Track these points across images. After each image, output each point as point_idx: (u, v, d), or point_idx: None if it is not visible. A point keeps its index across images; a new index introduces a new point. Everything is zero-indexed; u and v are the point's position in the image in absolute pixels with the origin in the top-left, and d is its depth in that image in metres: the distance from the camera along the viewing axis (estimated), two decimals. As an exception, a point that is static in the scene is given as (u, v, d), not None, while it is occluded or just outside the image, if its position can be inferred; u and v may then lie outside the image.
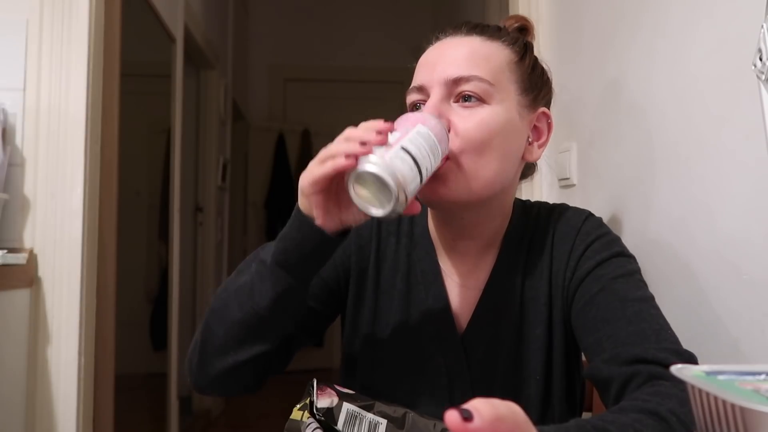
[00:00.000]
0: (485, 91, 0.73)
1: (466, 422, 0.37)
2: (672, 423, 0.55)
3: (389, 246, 0.84)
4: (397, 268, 0.83)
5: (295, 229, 0.66)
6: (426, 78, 0.76)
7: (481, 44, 0.76)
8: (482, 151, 0.72)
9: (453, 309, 0.80)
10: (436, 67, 0.75)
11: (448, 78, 0.74)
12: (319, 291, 0.81)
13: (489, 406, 0.38)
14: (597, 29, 1.28)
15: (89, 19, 1.53)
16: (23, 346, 1.44)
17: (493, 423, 0.37)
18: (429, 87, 0.75)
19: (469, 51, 0.75)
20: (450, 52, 0.76)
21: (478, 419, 0.37)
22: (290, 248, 0.67)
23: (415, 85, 0.78)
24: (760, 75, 0.69)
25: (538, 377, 0.78)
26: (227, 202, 3.78)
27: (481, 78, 0.73)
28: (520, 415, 0.41)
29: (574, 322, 0.75)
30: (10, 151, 1.47)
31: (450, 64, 0.75)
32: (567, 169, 1.38)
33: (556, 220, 0.82)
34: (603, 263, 0.75)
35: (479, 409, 0.37)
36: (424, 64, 0.78)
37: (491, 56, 0.76)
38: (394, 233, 0.84)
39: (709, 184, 0.86)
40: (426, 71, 0.77)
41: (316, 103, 4.55)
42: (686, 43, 0.93)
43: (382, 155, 0.60)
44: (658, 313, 0.70)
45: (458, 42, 0.77)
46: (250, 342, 0.70)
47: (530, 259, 0.80)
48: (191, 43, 2.81)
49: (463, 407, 0.37)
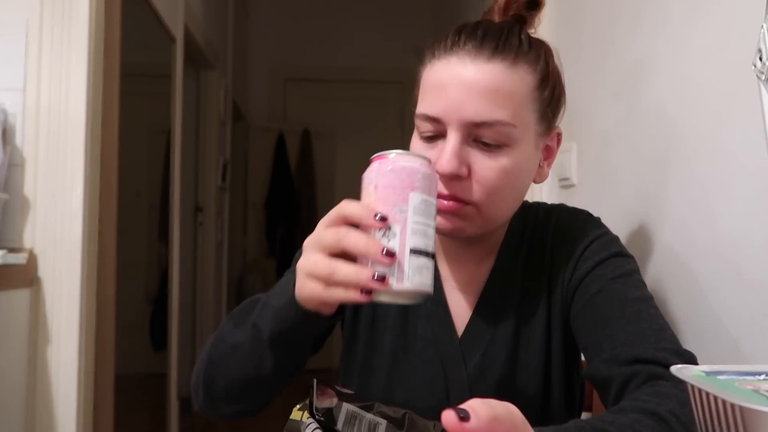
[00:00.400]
0: (508, 135, 0.69)
1: (462, 422, 0.37)
2: (672, 423, 0.55)
3: None
4: None
5: (291, 310, 0.63)
6: (442, 112, 0.69)
7: (506, 75, 0.69)
8: (502, 196, 0.72)
9: (451, 312, 0.80)
10: (453, 102, 0.68)
11: (469, 121, 0.68)
12: None
13: (486, 406, 0.38)
14: (597, 29, 1.27)
15: (89, 19, 1.53)
16: (23, 346, 1.44)
17: (490, 423, 0.37)
18: (446, 123, 0.69)
19: (493, 87, 0.68)
20: (471, 82, 0.68)
21: (474, 419, 0.37)
22: (286, 329, 0.65)
23: (429, 115, 0.70)
24: (760, 75, 0.69)
25: (537, 379, 0.78)
26: (227, 203, 3.78)
27: (505, 122, 0.68)
28: (517, 415, 0.41)
29: (573, 323, 0.75)
30: (10, 151, 1.47)
31: (471, 103, 0.68)
32: (567, 169, 1.38)
33: (554, 221, 0.81)
34: (602, 263, 0.74)
35: (476, 409, 0.37)
36: (437, 87, 0.70)
37: (515, 92, 0.69)
38: None
39: (709, 184, 0.86)
40: (442, 102, 0.69)
41: (316, 103, 4.55)
42: (686, 43, 0.93)
43: (400, 277, 0.55)
44: (657, 313, 0.70)
45: (480, 71, 0.68)
46: (257, 395, 0.72)
47: (529, 261, 0.80)
48: (191, 44, 2.81)
49: (460, 407, 0.37)
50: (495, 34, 0.71)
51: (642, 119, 1.06)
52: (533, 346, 0.78)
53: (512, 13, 0.76)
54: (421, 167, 0.58)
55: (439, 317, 0.80)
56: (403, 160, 0.58)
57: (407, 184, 0.57)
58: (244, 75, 4.33)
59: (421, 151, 0.72)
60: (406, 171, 0.57)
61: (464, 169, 0.69)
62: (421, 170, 0.58)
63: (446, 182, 0.69)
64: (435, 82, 0.71)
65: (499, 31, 0.72)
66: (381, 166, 0.58)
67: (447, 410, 0.37)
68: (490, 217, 0.72)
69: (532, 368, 0.78)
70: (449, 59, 0.70)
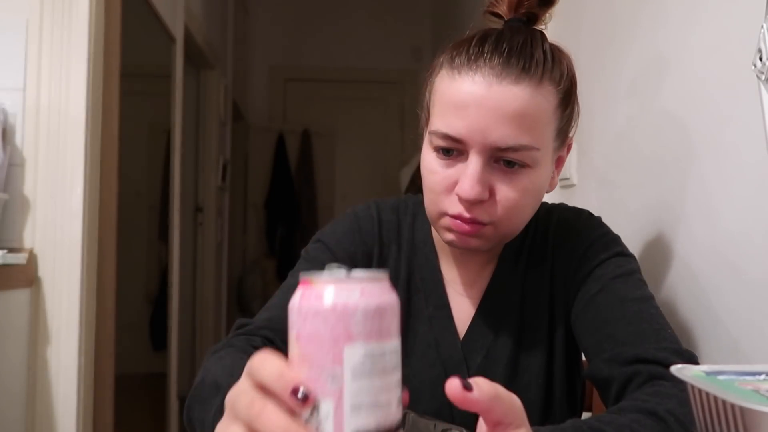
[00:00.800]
0: (531, 158, 0.67)
1: (465, 391, 0.38)
2: (670, 423, 0.55)
3: (391, 254, 0.83)
4: (398, 276, 0.82)
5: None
6: (465, 134, 0.66)
7: (532, 97, 0.66)
8: (521, 213, 0.71)
9: (453, 314, 0.80)
10: (478, 124, 0.65)
11: (495, 145, 0.66)
12: None
13: (489, 384, 0.39)
14: (597, 30, 1.28)
15: (89, 19, 1.53)
16: (23, 346, 1.44)
17: (491, 400, 0.39)
18: (468, 144, 0.66)
19: (521, 111, 0.65)
20: (497, 106, 0.65)
21: (476, 391, 0.38)
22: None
23: (449, 134, 0.67)
24: (760, 75, 0.69)
25: (539, 380, 0.77)
26: (227, 203, 3.78)
27: (530, 147, 0.66)
28: (517, 402, 0.42)
29: (575, 323, 0.75)
30: (10, 151, 1.47)
31: (498, 128, 0.65)
32: (567, 169, 1.38)
33: (555, 221, 0.81)
34: (602, 263, 0.74)
35: (480, 383, 0.39)
36: (459, 105, 0.66)
37: (541, 114, 0.67)
38: (395, 240, 0.83)
39: (710, 184, 0.86)
40: (465, 122, 0.66)
41: (316, 103, 4.55)
42: (686, 42, 0.93)
43: None
44: (658, 313, 0.70)
45: (507, 94, 0.65)
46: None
47: (530, 263, 0.80)
48: (191, 44, 2.81)
49: (466, 379, 0.38)
50: (521, 49, 0.67)
51: (642, 119, 1.06)
52: (535, 347, 0.78)
53: (524, 10, 0.73)
54: (362, 301, 0.38)
55: (441, 320, 0.80)
56: (335, 291, 0.39)
57: (340, 333, 0.38)
58: (244, 75, 4.33)
59: (437, 168, 0.70)
60: (337, 314, 0.38)
61: (486, 193, 0.67)
62: (361, 307, 0.38)
63: (468, 206, 0.68)
64: (457, 99, 0.67)
65: (523, 45, 0.68)
66: (303, 301, 0.39)
67: (452, 378, 0.38)
68: (506, 233, 0.72)
69: (534, 369, 0.78)
70: (473, 77, 0.66)
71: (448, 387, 0.37)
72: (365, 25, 4.50)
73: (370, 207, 0.84)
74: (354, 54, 4.48)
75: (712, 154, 0.85)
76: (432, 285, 0.81)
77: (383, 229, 0.83)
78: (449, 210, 0.69)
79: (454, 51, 0.70)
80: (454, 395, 0.37)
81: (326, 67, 4.51)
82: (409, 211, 0.85)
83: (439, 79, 0.71)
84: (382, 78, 4.44)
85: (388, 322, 0.40)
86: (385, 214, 0.84)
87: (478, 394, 0.38)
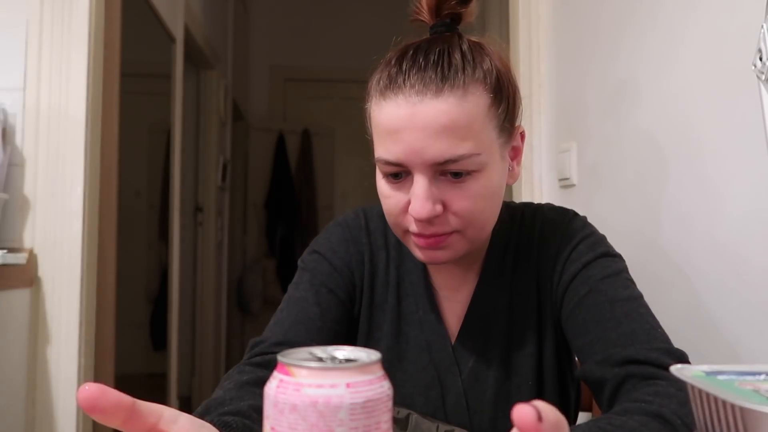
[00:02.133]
0: (474, 163, 0.67)
1: (539, 423, 0.35)
2: (677, 425, 0.55)
3: (380, 260, 0.83)
4: (388, 282, 0.82)
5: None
6: (403, 157, 0.66)
7: (458, 105, 0.65)
8: (482, 218, 0.71)
9: (443, 318, 0.80)
10: (412, 146, 0.65)
11: (434, 161, 0.65)
12: (341, 314, 0.80)
13: (553, 412, 0.36)
14: (597, 29, 1.28)
15: (89, 19, 1.53)
16: (23, 346, 1.44)
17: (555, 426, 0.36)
18: (410, 166, 0.67)
19: (449, 124, 0.64)
20: (425, 124, 0.65)
21: (545, 422, 0.35)
22: None
23: (389, 160, 0.67)
24: (760, 75, 0.69)
25: (530, 382, 0.78)
26: (227, 202, 3.78)
27: (470, 154, 0.66)
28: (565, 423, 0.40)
29: (565, 326, 0.75)
30: (10, 151, 1.47)
31: (431, 145, 0.65)
32: (567, 169, 1.38)
33: (540, 222, 0.81)
34: (589, 265, 0.74)
35: (547, 413, 0.36)
36: (392, 132, 0.67)
37: (471, 121, 0.66)
38: (383, 247, 0.84)
39: (709, 184, 0.86)
40: (399, 147, 0.66)
41: (316, 103, 4.55)
42: (686, 43, 0.93)
43: None
44: (648, 312, 0.70)
45: (432, 110, 0.65)
46: None
47: (517, 264, 0.80)
48: (191, 43, 2.81)
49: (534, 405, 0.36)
50: (437, 60, 0.67)
51: (642, 119, 1.06)
52: (525, 348, 0.78)
53: (446, 12, 0.72)
54: (348, 396, 0.34)
55: (432, 324, 0.80)
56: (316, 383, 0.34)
57: (321, 430, 0.33)
58: (244, 75, 4.33)
59: (389, 193, 0.70)
60: (318, 411, 0.33)
61: (439, 207, 0.67)
62: (347, 403, 0.33)
63: (424, 225, 0.68)
64: (388, 125, 0.67)
65: (440, 54, 0.68)
66: (280, 392, 0.35)
67: (524, 406, 0.35)
68: (474, 238, 0.72)
69: (525, 371, 0.78)
70: (396, 99, 0.66)
71: (519, 415, 0.34)
72: (365, 25, 4.49)
73: (358, 215, 0.85)
74: (354, 54, 4.47)
75: (712, 154, 0.85)
76: (421, 289, 0.81)
77: (372, 236, 0.83)
78: (410, 227, 0.70)
79: (379, 74, 0.70)
80: (526, 426, 0.34)
81: (326, 67, 4.51)
82: None
83: (372, 105, 0.71)
84: (382, 78, 4.44)
85: (377, 418, 0.34)
86: (373, 221, 0.84)
87: (547, 425, 0.35)
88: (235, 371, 0.70)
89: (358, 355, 0.37)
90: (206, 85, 3.30)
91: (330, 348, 0.38)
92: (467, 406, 0.77)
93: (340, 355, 0.37)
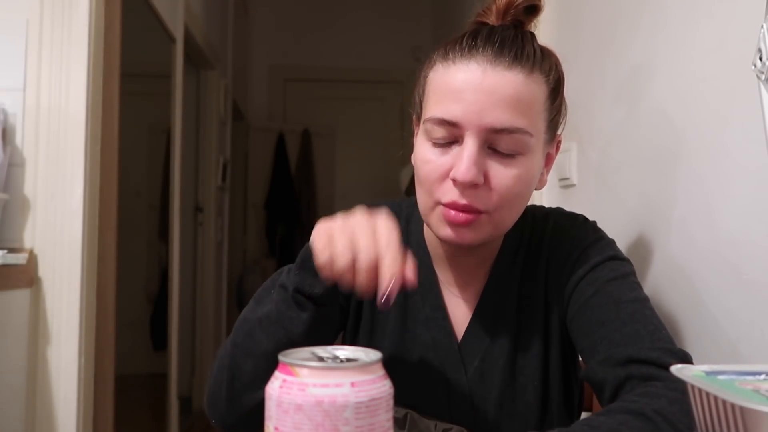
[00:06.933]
0: (526, 143, 0.68)
1: None
2: (658, 422, 0.55)
3: None
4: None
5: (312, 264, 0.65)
6: (461, 115, 0.67)
7: (525, 84, 0.68)
8: (515, 203, 0.72)
9: (450, 317, 0.80)
10: (474, 107, 0.66)
11: (491, 126, 0.67)
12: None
13: None
14: (597, 29, 1.28)
15: (89, 19, 1.53)
16: (23, 346, 1.44)
17: None
18: (464, 127, 0.67)
19: (515, 95, 0.67)
20: (492, 89, 0.67)
21: None
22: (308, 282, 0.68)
23: (445, 119, 0.68)
24: (760, 75, 0.69)
25: (536, 383, 0.78)
26: (227, 202, 3.78)
27: (525, 131, 0.68)
28: None
29: (570, 326, 0.75)
30: (10, 151, 1.47)
31: (494, 108, 0.66)
32: (567, 169, 1.38)
33: (551, 226, 0.81)
34: (597, 267, 0.75)
35: None
36: (454, 92, 0.68)
37: (534, 101, 0.69)
38: None
39: (710, 184, 0.86)
40: (460, 106, 0.67)
41: (316, 103, 4.55)
42: (686, 42, 0.93)
43: None
44: (653, 314, 0.70)
45: (502, 78, 0.67)
46: None
47: (526, 266, 0.80)
48: (191, 43, 2.81)
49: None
50: (512, 41, 0.70)
51: (642, 119, 1.06)
52: (531, 349, 0.78)
53: (510, 18, 0.75)
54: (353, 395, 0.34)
55: (438, 322, 0.80)
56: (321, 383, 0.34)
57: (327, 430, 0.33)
58: (244, 75, 4.33)
59: (431, 157, 0.70)
60: (324, 410, 0.33)
61: (482, 177, 0.68)
62: (352, 402, 0.34)
63: (462, 190, 0.68)
64: (452, 85, 0.68)
65: (514, 38, 0.71)
66: (284, 392, 0.35)
67: None
68: (500, 224, 0.72)
69: (531, 372, 0.78)
70: (467, 64, 0.68)
71: None
72: (365, 25, 4.50)
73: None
74: (354, 54, 4.48)
75: (712, 154, 0.85)
76: (428, 286, 0.81)
77: None
78: (443, 198, 0.69)
79: (447, 46, 0.72)
80: None
81: (326, 67, 4.51)
82: (403, 214, 0.86)
83: (433, 72, 0.73)
84: (382, 78, 4.44)
85: (380, 417, 0.35)
86: None
87: None
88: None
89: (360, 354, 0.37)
90: (206, 85, 3.30)
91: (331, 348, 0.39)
92: (472, 405, 0.77)
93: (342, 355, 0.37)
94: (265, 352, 0.68)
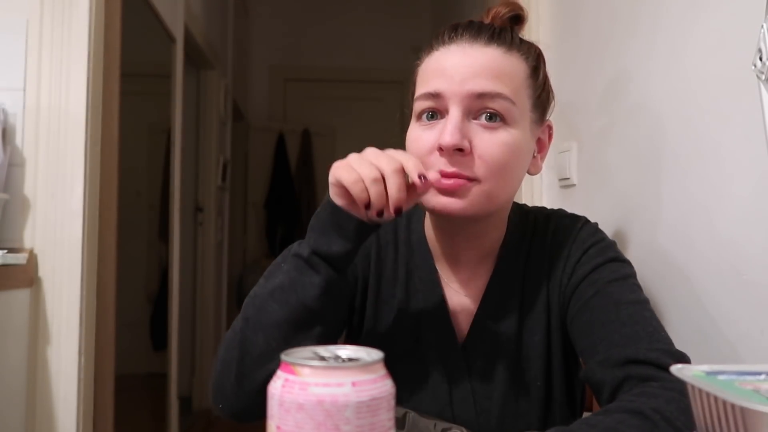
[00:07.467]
0: (508, 111, 0.70)
1: None
2: (656, 420, 0.55)
3: (388, 255, 0.83)
4: (396, 277, 0.82)
5: (330, 220, 0.68)
6: (444, 86, 0.71)
7: (503, 57, 0.72)
8: (504, 174, 0.72)
9: (452, 316, 0.80)
10: (456, 77, 0.70)
11: (472, 92, 0.70)
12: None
13: None
14: (597, 29, 1.28)
15: (89, 19, 1.53)
16: (23, 346, 1.44)
17: None
18: (447, 97, 0.70)
19: (495, 66, 0.71)
20: (472, 62, 0.71)
21: None
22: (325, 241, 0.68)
23: (429, 92, 0.72)
24: (760, 75, 0.69)
25: (538, 383, 0.78)
26: (227, 202, 3.78)
27: (506, 96, 0.70)
28: None
29: (570, 327, 0.75)
30: (10, 151, 1.47)
31: (474, 77, 0.70)
32: (567, 169, 1.38)
33: (553, 227, 0.82)
34: (598, 268, 0.75)
35: None
36: (438, 70, 0.73)
37: (513, 73, 0.72)
38: (392, 242, 0.84)
39: (709, 184, 0.86)
40: (443, 79, 0.71)
41: (316, 103, 4.55)
42: (686, 42, 0.93)
43: None
44: (652, 316, 0.70)
45: (478, 52, 0.72)
46: (297, 339, 0.66)
47: (528, 267, 0.81)
48: (191, 43, 2.81)
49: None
50: (489, 27, 0.75)
51: (642, 119, 1.06)
52: (534, 350, 0.78)
53: (499, 23, 0.78)
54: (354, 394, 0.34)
55: (441, 322, 0.80)
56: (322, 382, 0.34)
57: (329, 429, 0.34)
58: (244, 75, 4.33)
59: (419, 134, 0.73)
60: (325, 409, 0.34)
61: (466, 143, 0.69)
62: (353, 401, 0.34)
63: (449, 157, 0.69)
64: (436, 66, 0.73)
65: (492, 26, 0.76)
66: (285, 391, 0.35)
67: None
68: (492, 196, 0.72)
69: (533, 372, 0.78)
70: (448, 48, 0.74)
71: None
72: (365, 25, 4.50)
73: None
74: (354, 54, 4.48)
75: (712, 155, 0.85)
76: (430, 285, 0.81)
77: (380, 230, 0.83)
78: (432, 169, 0.70)
79: (432, 40, 0.78)
80: None
81: (326, 67, 4.51)
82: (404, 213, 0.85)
83: (421, 64, 0.78)
84: (382, 78, 4.44)
85: (381, 416, 0.35)
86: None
87: None
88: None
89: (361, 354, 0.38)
90: (206, 85, 3.30)
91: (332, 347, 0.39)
92: (475, 405, 0.77)
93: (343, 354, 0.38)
94: (278, 322, 0.66)
